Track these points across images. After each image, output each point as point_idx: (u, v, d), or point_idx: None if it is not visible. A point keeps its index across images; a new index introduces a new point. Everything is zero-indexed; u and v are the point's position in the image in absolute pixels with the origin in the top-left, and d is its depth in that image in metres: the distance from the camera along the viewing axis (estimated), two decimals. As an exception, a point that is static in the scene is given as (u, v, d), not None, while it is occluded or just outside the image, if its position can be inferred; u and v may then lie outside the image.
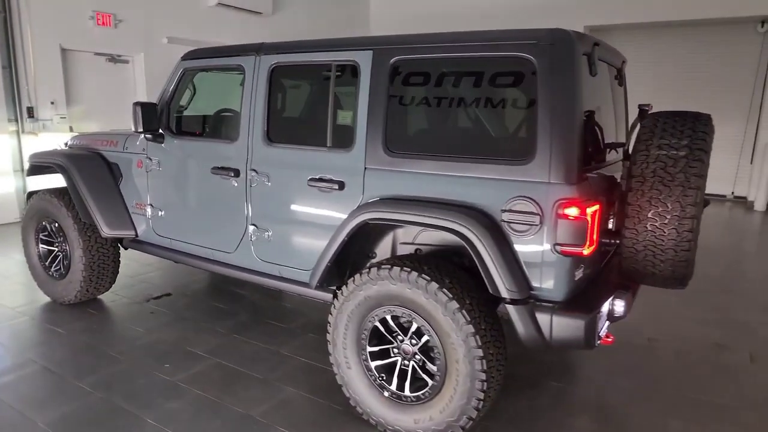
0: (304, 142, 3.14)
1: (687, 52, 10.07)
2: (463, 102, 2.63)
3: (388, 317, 2.73)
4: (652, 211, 2.44)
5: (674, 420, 3.00)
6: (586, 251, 2.33)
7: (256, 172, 3.23)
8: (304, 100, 3.55)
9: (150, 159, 3.82)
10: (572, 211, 2.29)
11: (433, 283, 2.51)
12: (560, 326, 2.37)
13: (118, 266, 4.40)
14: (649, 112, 2.72)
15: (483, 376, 2.46)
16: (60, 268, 4.40)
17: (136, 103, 3.53)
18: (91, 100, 8.08)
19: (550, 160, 2.35)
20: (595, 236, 2.38)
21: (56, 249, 4.41)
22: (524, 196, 2.40)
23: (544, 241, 2.39)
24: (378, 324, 2.77)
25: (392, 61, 2.74)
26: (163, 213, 3.82)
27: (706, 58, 9.91)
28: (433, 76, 2.68)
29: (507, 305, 2.44)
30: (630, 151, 2.77)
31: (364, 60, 2.83)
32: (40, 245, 4.49)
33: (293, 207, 3.14)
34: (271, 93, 3.19)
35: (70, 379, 3.27)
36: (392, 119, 2.77)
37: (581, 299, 2.49)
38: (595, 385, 3.39)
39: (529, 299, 2.44)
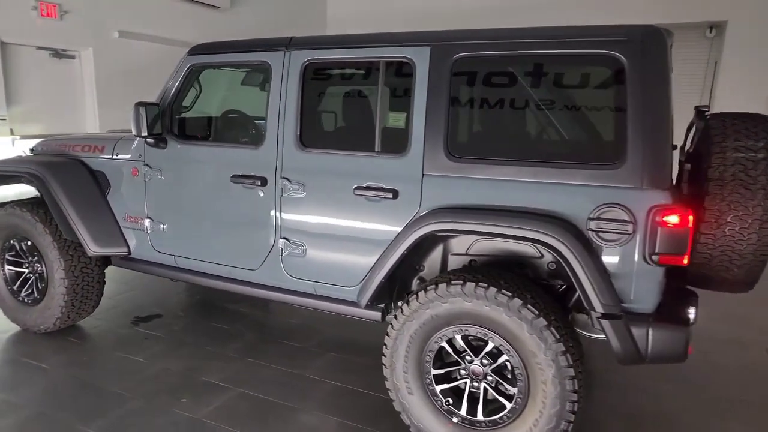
0: (347, 147, 2.86)
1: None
2: (538, 102, 2.46)
3: (458, 337, 2.51)
4: (731, 215, 2.36)
5: (733, 423, 2.97)
6: (686, 260, 2.21)
7: (289, 181, 2.91)
8: (345, 101, 3.24)
9: (149, 166, 3.39)
10: (673, 219, 2.16)
11: (516, 299, 2.32)
12: (658, 339, 2.24)
13: (103, 287, 3.91)
14: (707, 113, 2.66)
15: (574, 397, 2.29)
16: (32, 293, 3.84)
17: (139, 104, 3.11)
18: (33, 100, 7.28)
19: (643, 164, 2.22)
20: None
21: (27, 270, 3.86)
22: (615, 203, 2.25)
23: (635, 250, 2.25)
24: (445, 344, 2.54)
25: (455, 58, 2.52)
26: (165, 227, 3.39)
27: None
28: (503, 75, 2.49)
29: (601, 320, 2.28)
30: (689, 153, 2.71)
31: (420, 57, 2.59)
32: (7, 267, 3.91)
33: (335, 218, 2.85)
34: (304, 93, 2.88)
35: (75, 425, 2.81)
36: (455, 122, 2.56)
37: (667, 309, 2.38)
38: (639, 392, 3.31)
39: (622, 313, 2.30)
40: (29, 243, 3.76)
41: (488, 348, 2.46)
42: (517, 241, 2.50)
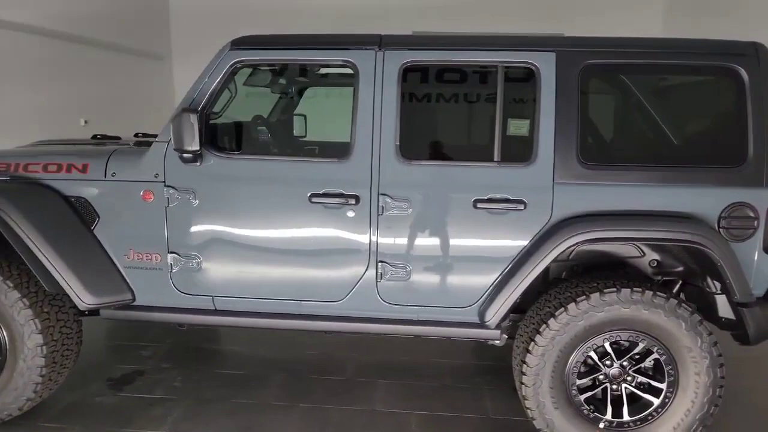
0: (460, 157, 2.65)
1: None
2: (666, 109, 2.57)
3: (606, 344, 2.52)
4: None
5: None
6: (801, 247, 2.54)
7: (390, 198, 2.58)
8: (453, 108, 2.93)
9: (173, 188, 2.68)
10: (795, 213, 2.47)
11: (672, 299, 2.43)
12: (786, 319, 2.55)
13: (80, 347, 2.98)
14: None
15: (723, 382, 2.48)
16: (-26, 372, 2.76)
17: (186, 109, 2.43)
18: None
19: (764, 165, 2.49)
20: None
21: (-39, 343, 2.75)
22: (742, 202, 2.49)
23: (757, 243, 2.52)
24: (593, 354, 2.53)
25: (584, 65, 2.50)
26: (201, 261, 2.72)
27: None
28: (632, 83, 2.55)
29: (740, 308, 2.50)
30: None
31: (545, 63, 2.51)
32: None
33: (450, 234, 2.61)
34: (403, 98, 2.57)
35: None
36: (585, 128, 2.54)
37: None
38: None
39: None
40: (-29, 304, 2.68)
41: (637, 349, 2.52)
42: (625, 243, 2.63)
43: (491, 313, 2.59)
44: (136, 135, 3.73)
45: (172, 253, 2.74)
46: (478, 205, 2.55)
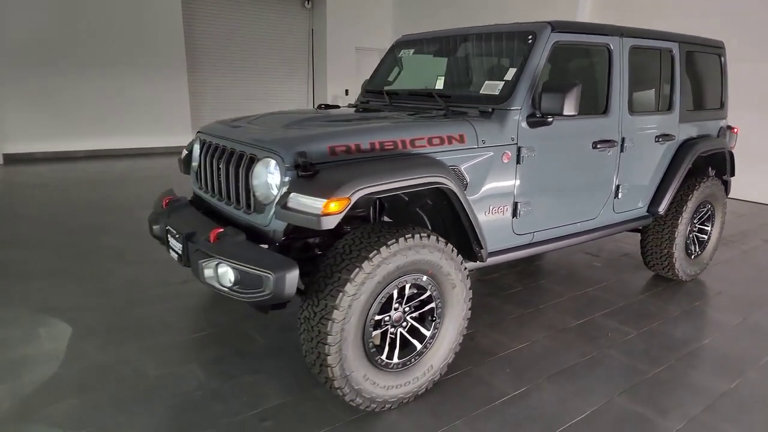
0: (649, 110, 4.05)
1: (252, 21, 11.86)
2: (701, 76, 4.57)
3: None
4: None
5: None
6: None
7: (628, 140, 3.83)
8: (642, 75, 4.01)
9: (524, 147, 3.21)
10: (737, 129, 4.91)
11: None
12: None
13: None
14: None
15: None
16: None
17: (574, 83, 3.03)
18: None
19: (725, 107, 4.82)
20: None
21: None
22: (722, 127, 4.77)
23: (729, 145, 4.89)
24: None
25: (686, 50, 4.25)
26: (531, 206, 3.36)
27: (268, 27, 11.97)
28: (697, 60, 4.45)
29: (727, 180, 4.83)
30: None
31: (675, 48, 4.15)
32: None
33: (644, 160, 4.05)
34: (630, 70, 3.80)
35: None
36: (689, 89, 4.32)
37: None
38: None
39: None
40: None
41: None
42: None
43: (663, 204, 4.21)
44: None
45: (516, 202, 3.29)
46: (657, 140, 4.08)
